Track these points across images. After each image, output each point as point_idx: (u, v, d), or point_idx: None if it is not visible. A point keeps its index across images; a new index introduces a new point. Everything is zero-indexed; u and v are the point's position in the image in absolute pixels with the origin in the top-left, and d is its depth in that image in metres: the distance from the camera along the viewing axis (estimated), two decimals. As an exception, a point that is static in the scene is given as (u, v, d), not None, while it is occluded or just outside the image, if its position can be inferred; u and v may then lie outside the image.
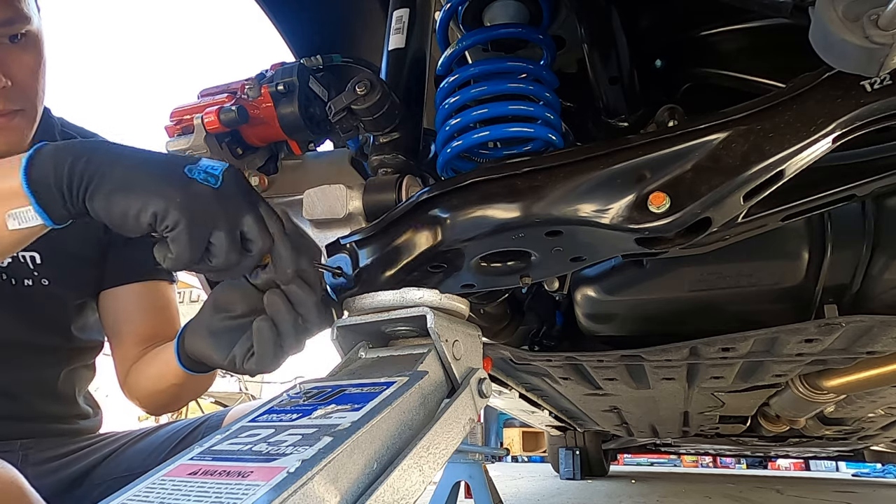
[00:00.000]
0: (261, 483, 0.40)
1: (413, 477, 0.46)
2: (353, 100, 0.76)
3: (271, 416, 0.55)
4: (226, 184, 0.60)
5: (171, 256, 0.58)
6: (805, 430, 2.53)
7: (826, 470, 8.68)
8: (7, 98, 0.87)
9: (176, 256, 0.57)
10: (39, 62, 0.93)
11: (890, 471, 6.64)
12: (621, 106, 0.89)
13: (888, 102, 0.56)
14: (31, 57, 0.91)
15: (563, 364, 1.54)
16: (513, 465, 8.35)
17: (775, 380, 1.61)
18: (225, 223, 0.58)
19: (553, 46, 0.81)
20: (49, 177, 0.58)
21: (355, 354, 0.67)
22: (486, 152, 0.82)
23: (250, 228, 0.60)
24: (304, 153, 0.96)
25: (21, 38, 0.89)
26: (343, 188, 0.80)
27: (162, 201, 0.56)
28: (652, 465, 9.14)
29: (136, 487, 0.46)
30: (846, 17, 0.48)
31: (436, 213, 0.71)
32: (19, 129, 0.91)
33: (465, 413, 0.56)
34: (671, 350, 1.29)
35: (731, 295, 1.19)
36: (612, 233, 0.65)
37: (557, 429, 3.98)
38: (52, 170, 0.58)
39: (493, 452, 2.30)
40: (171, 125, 0.84)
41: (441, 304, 0.63)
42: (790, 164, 0.59)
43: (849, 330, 1.14)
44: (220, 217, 0.58)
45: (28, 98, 0.92)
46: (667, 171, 0.63)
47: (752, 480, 5.48)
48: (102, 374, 1.17)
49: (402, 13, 0.91)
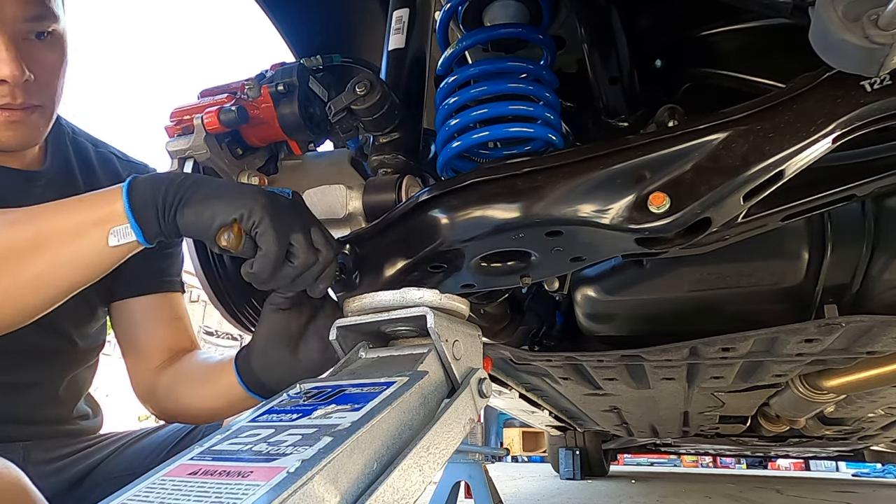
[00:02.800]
0: (261, 483, 0.40)
1: (413, 477, 0.46)
2: (353, 100, 0.76)
3: (271, 416, 0.55)
4: (296, 199, 0.71)
5: (260, 253, 0.65)
6: (805, 430, 2.53)
7: (826, 470, 8.68)
8: (28, 92, 0.88)
9: (265, 251, 0.64)
10: (62, 61, 0.94)
11: (890, 471, 6.64)
12: (621, 106, 0.89)
13: (888, 102, 0.56)
14: (56, 55, 0.92)
15: (563, 364, 1.54)
16: (513, 465, 8.35)
17: (775, 380, 1.61)
18: (301, 226, 0.67)
19: (553, 46, 0.81)
20: (147, 196, 0.67)
21: (355, 354, 0.67)
22: (486, 152, 0.82)
23: (318, 237, 0.69)
24: (304, 153, 0.96)
25: (48, 35, 0.90)
26: (343, 188, 0.80)
27: (249, 201, 0.64)
28: (652, 465, 9.14)
29: (136, 487, 0.46)
30: (846, 17, 0.48)
31: (436, 213, 0.71)
32: (36, 124, 0.92)
33: (466, 413, 0.56)
34: (671, 350, 1.29)
35: (731, 295, 1.19)
36: (613, 233, 0.65)
37: (557, 429, 3.98)
38: (151, 192, 0.67)
39: (493, 452, 2.30)
40: (171, 125, 0.84)
41: (441, 304, 0.63)
42: (790, 164, 0.59)
43: (849, 330, 1.14)
44: (297, 221, 0.67)
45: (48, 95, 0.92)
46: (667, 171, 0.63)
47: (752, 480, 5.49)
48: (102, 375, 1.16)
49: (402, 13, 0.91)
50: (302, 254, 0.66)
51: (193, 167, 0.84)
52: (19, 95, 0.87)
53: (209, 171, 0.86)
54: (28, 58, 0.87)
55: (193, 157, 0.83)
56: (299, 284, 0.70)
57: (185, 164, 0.85)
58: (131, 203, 0.67)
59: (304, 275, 0.68)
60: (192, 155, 0.83)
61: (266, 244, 0.64)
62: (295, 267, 0.67)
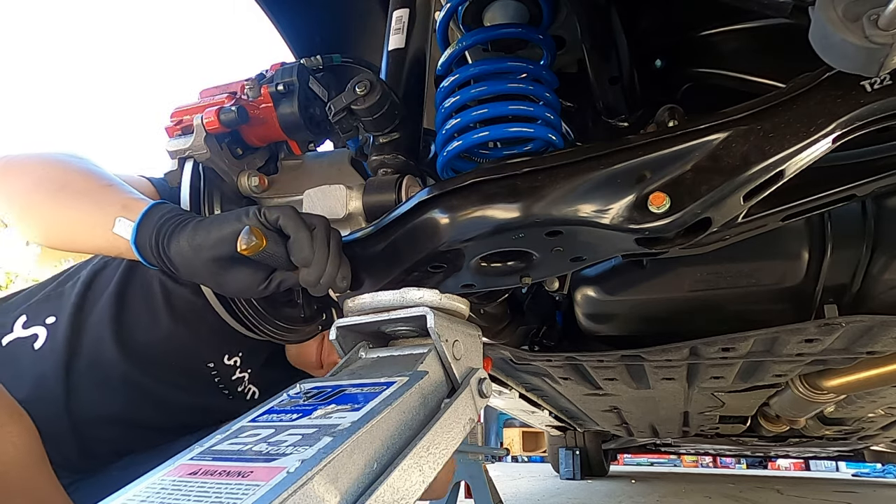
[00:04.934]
0: (261, 483, 0.40)
1: (413, 477, 0.46)
2: (353, 100, 0.76)
3: (271, 416, 0.55)
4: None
5: (295, 246, 0.67)
6: (805, 430, 2.52)
7: (826, 470, 8.67)
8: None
9: (295, 238, 0.67)
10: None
11: (890, 471, 6.64)
12: (621, 106, 0.89)
13: (888, 102, 0.56)
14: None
15: (563, 364, 1.54)
16: (513, 465, 8.34)
17: (775, 380, 1.61)
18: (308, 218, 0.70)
19: (553, 46, 0.81)
20: (154, 216, 0.72)
21: (355, 354, 0.67)
22: (486, 152, 0.82)
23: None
24: (304, 153, 0.96)
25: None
26: (343, 188, 0.80)
27: (250, 210, 0.69)
28: (652, 465, 9.14)
29: (137, 487, 0.46)
30: (846, 17, 0.48)
31: (436, 213, 0.71)
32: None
33: (466, 413, 0.56)
34: (671, 350, 1.29)
35: (731, 295, 1.19)
36: (613, 233, 0.65)
37: (557, 429, 3.98)
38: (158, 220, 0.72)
39: (493, 452, 2.30)
40: (171, 125, 0.84)
41: (441, 304, 0.63)
42: (790, 164, 0.59)
43: (849, 330, 1.14)
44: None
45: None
46: (667, 171, 0.63)
47: (752, 480, 5.48)
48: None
49: (402, 13, 0.91)
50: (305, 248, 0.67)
51: (193, 167, 0.84)
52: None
53: (209, 171, 0.86)
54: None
55: (193, 157, 0.83)
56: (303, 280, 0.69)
57: (184, 165, 0.84)
58: (146, 213, 0.73)
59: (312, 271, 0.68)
60: (191, 155, 0.83)
61: (292, 229, 0.67)
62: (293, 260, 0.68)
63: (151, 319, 1.03)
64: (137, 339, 1.02)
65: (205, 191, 0.85)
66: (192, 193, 0.83)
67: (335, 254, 0.69)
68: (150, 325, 1.03)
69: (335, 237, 0.70)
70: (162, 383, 1.04)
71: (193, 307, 1.02)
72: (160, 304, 1.03)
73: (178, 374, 1.05)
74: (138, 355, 1.02)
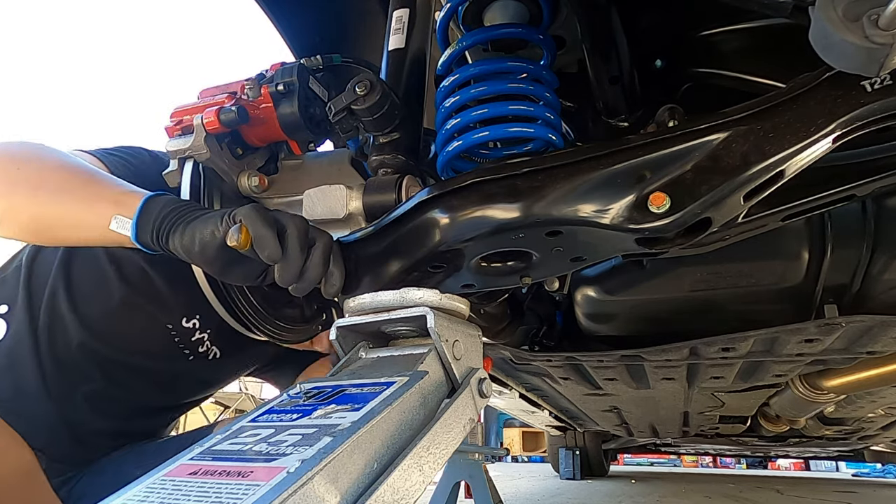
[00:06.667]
0: (261, 483, 0.40)
1: (413, 477, 0.46)
2: (353, 100, 0.76)
3: (271, 416, 0.55)
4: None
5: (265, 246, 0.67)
6: (805, 430, 2.52)
7: (826, 470, 8.67)
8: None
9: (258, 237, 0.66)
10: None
11: (890, 471, 6.64)
12: (621, 106, 0.89)
13: (888, 102, 0.56)
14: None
15: (563, 364, 1.54)
16: (513, 465, 8.34)
17: (775, 380, 1.61)
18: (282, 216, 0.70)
19: (553, 46, 0.81)
20: (152, 212, 0.73)
21: (355, 354, 0.67)
22: (486, 152, 0.82)
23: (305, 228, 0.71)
24: (304, 153, 0.96)
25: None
26: (343, 188, 0.80)
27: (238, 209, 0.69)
28: (652, 465, 9.14)
29: (137, 487, 0.46)
30: (846, 17, 0.48)
31: (436, 213, 0.71)
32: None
33: (466, 413, 0.56)
34: (671, 350, 1.29)
35: (731, 295, 1.19)
36: (613, 233, 0.65)
37: (557, 429, 3.98)
38: (159, 210, 0.73)
39: (493, 452, 2.30)
40: (171, 125, 0.84)
41: (441, 304, 0.63)
42: (790, 164, 0.59)
43: (849, 330, 1.14)
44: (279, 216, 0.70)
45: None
46: (667, 171, 0.63)
47: (752, 480, 5.48)
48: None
49: (402, 13, 0.91)
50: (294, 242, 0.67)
51: (193, 167, 0.84)
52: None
53: (209, 171, 0.86)
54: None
55: (193, 157, 0.83)
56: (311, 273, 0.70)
57: (185, 165, 0.84)
58: (144, 207, 0.74)
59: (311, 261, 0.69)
60: (191, 155, 0.83)
61: (252, 228, 0.66)
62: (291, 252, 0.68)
63: (103, 291, 1.02)
64: (94, 312, 1.01)
65: (205, 191, 0.85)
66: (192, 193, 0.83)
67: (319, 256, 0.69)
68: (104, 297, 1.01)
69: (323, 240, 0.70)
70: (126, 353, 1.03)
71: (144, 273, 1.02)
72: (111, 274, 1.01)
73: (140, 340, 1.04)
74: (99, 328, 1.01)
